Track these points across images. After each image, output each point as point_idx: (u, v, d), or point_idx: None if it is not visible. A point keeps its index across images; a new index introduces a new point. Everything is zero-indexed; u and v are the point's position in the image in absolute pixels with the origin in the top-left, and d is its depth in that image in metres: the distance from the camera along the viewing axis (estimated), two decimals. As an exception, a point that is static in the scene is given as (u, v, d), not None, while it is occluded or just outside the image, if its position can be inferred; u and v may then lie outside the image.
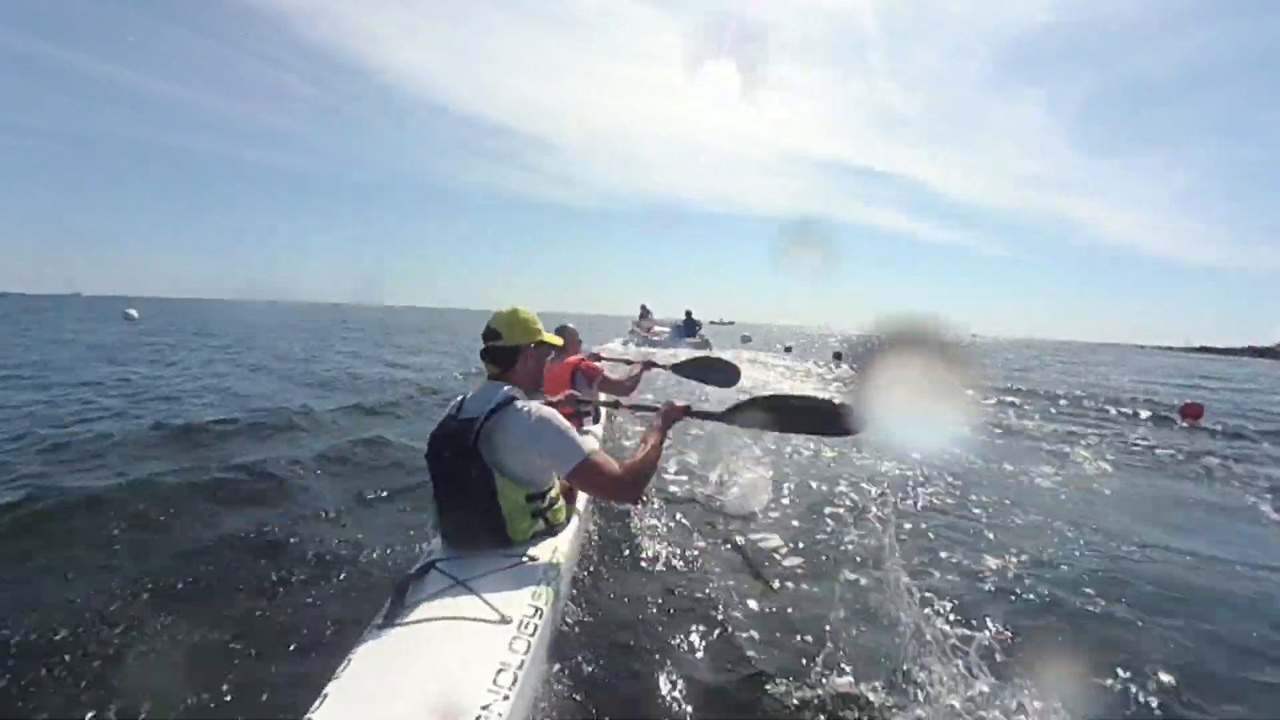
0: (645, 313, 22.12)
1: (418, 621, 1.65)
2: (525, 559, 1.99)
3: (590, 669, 2.01)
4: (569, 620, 2.20)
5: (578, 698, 1.86)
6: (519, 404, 2.06)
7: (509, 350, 2.19)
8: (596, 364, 4.22)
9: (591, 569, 2.70)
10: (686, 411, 2.52)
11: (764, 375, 12.91)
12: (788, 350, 23.42)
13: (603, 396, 3.73)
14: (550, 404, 2.21)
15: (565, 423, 2.07)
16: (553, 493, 2.18)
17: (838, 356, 20.15)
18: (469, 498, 2.01)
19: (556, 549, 2.12)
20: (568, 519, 2.34)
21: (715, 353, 17.16)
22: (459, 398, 2.19)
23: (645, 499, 3.58)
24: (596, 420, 4.33)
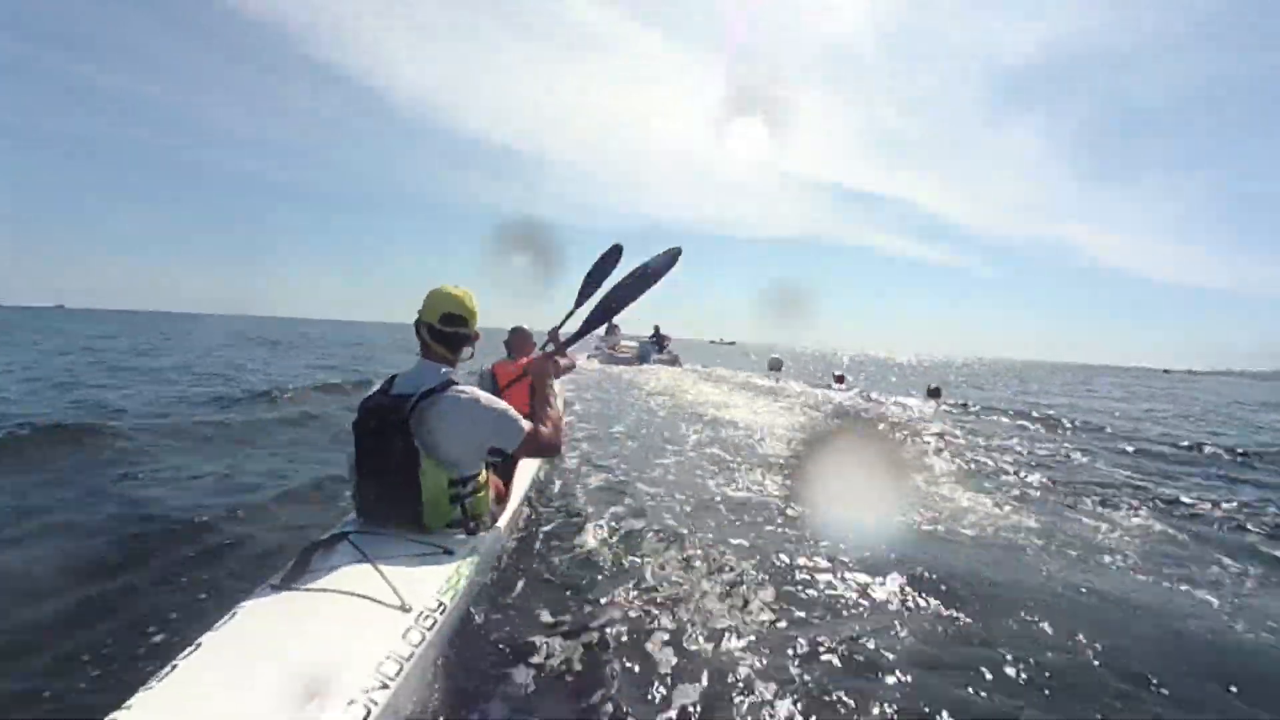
0: (612, 328, 20.48)
1: (315, 590, 1.59)
2: (443, 550, 1.96)
3: (485, 676, 1.89)
4: (475, 621, 2.09)
5: (463, 704, 1.74)
6: (458, 387, 2.09)
7: (465, 337, 2.20)
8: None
9: (513, 573, 2.59)
10: (559, 352, 2.78)
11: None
12: (839, 380, 16.23)
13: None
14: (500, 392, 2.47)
15: (502, 402, 2.14)
16: (479, 480, 2.18)
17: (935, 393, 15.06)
18: (390, 474, 2.01)
19: (477, 547, 2.08)
20: (494, 519, 2.37)
21: (730, 386, 15.19)
22: (390, 375, 2.19)
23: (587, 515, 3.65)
24: None
